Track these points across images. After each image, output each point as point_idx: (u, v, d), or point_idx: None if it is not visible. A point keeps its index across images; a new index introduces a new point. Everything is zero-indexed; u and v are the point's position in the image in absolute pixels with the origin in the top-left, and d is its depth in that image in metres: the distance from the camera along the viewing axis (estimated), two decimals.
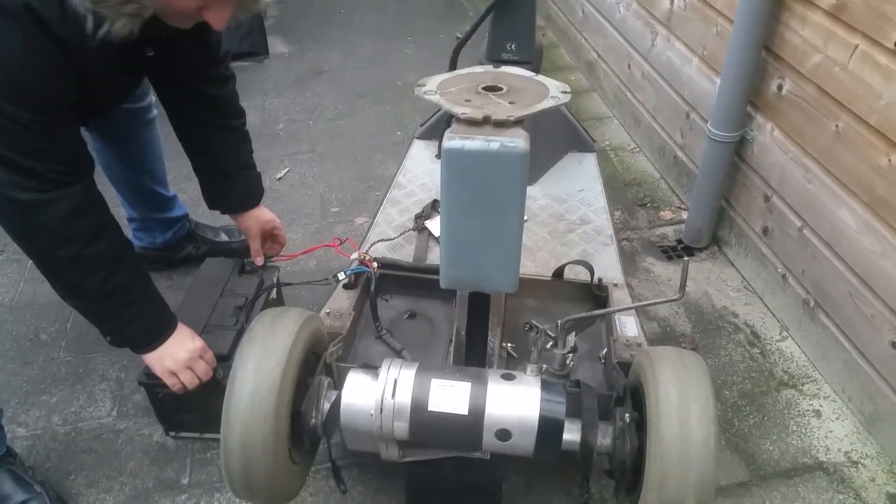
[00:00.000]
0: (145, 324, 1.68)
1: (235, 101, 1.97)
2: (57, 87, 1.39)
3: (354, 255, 1.91)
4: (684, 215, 2.75)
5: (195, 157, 2.00)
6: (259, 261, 2.10)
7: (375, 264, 1.89)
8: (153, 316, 1.70)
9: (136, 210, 2.37)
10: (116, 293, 1.59)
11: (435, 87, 1.35)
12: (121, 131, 2.15)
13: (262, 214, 2.08)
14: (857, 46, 1.79)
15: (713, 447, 1.23)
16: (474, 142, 1.20)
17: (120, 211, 2.45)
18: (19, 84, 1.33)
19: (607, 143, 3.31)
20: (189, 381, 1.73)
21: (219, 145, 1.96)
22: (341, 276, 1.88)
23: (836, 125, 1.91)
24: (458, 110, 1.25)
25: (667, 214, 2.83)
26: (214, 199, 2.06)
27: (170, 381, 1.72)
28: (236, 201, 2.05)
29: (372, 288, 1.82)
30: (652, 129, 3.08)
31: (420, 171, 2.49)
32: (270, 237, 2.15)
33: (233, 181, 2.00)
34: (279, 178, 3.07)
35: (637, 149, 3.25)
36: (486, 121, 1.23)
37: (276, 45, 4.26)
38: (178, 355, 1.70)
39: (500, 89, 1.35)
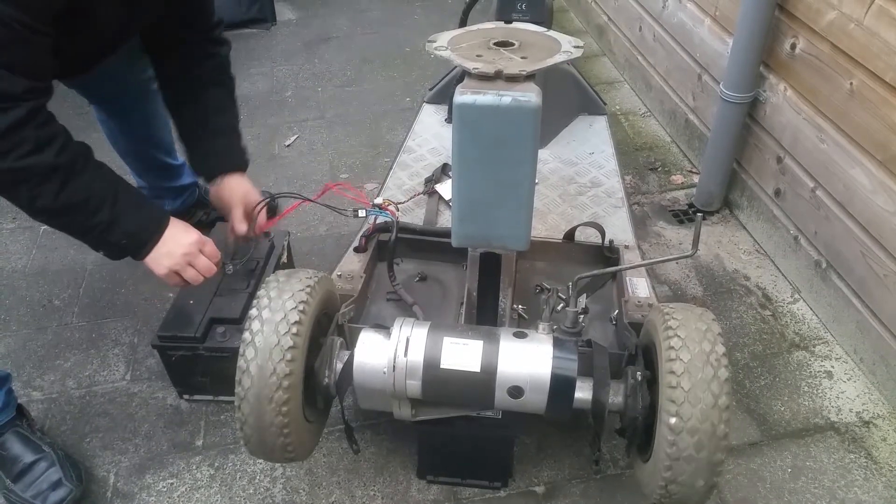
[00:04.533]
0: (124, 228, 1.56)
1: (226, 64, 1.95)
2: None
3: (378, 200, 1.89)
4: (696, 179, 2.74)
5: (181, 115, 1.94)
6: (242, 228, 1.90)
7: (398, 213, 1.86)
8: (131, 219, 1.57)
9: (145, 179, 2.37)
10: (75, 204, 1.49)
11: (446, 43, 1.34)
12: (124, 102, 2.14)
13: (247, 187, 1.93)
14: (873, 2, 1.76)
15: (725, 404, 1.22)
16: (486, 96, 1.19)
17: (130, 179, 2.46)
18: None
19: (618, 107, 3.28)
20: (193, 277, 1.67)
21: (206, 100, 1.90)
22: (362, 213, 1.85)
23: (851, 83, 1.89)
24: (470, 65, 1.24)
25: (678, 178, 2.81)
26: (199, 159, 1.96)
27: (173, 281, 1.67)
28: (223, 161, 1.92)
29: (394, 235, 1.77)
30: (663, 92, 3.05)
31: (429, 135, 2.47)
32: (249, 217, 1.94)
33: (219, 139, 1.92)
34: (288, 145, 3.06)
35: (648, 113, 3.22)
36: (497, 75, 1.22)
37: (284, 11, 4.23)
38: (175, 251, 1.62)
39: (512, 44, 1.34)
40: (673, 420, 1.22)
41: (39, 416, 1.93)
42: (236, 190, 1.90)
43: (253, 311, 1.36)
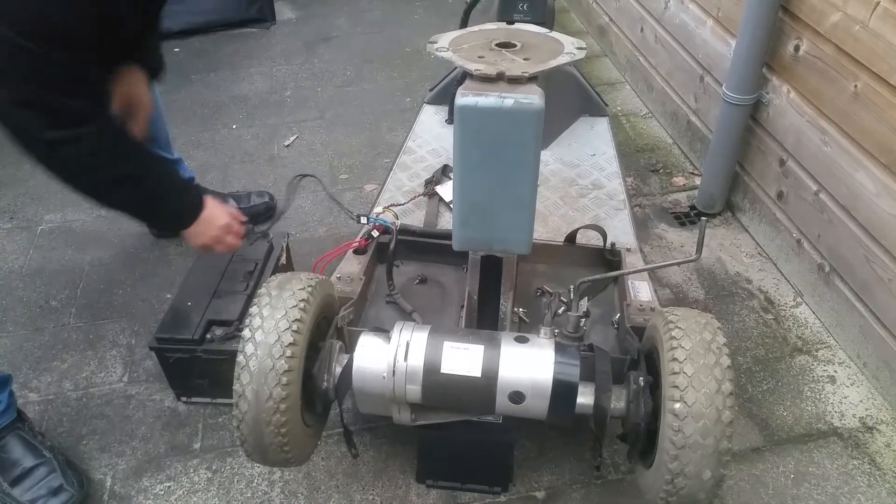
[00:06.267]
0: (180, 205, 1.73)
1: None
2: (79, 19, 1.33)
3: (378, 209, 1.89)
4: (697, 181, 2.72)
5: None
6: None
7: (398, 221, 1.87)
8: (181, 199, 1.74)
9: None
10: (146, 193, 1.65)
11: (447, 44, 1.33)
12: None
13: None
14: (878, 3, 1.75)
15: (729, 409, 1.21)
16: (488, 98, 1.18)
17: None
18: (42, 18, 1.28)
19: (619, 108, 3.27)
20: (231, 245, 1.83)
21: None
22: (363, 220, 1.87)
23: (855, 85, 1.88)
24: (472, 66, 1.22)
25: (679, 180, 2.80)
26: None
27: (217, 248, 1.81)
28: None
29: (393, 244, 1.77)
30: (665, 93, 3.03)
31: (430, 137, 2.46)
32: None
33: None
34: (287, 146, 3.04)
35: (649, 114, 3.21)
36: (500, 77, 1.21)
37: (284, 10, 4.22)
38: (218, 222, 1.78)
39: (514, 46, 1.32)
40: (677, 405, 1.21)
41: (36, 418, 1.91)
42: None
43: (251, 314, 1.34)
